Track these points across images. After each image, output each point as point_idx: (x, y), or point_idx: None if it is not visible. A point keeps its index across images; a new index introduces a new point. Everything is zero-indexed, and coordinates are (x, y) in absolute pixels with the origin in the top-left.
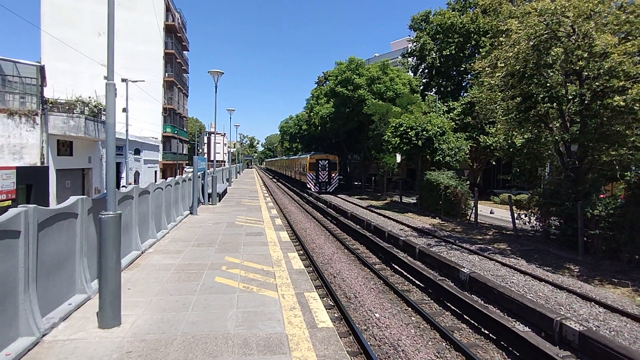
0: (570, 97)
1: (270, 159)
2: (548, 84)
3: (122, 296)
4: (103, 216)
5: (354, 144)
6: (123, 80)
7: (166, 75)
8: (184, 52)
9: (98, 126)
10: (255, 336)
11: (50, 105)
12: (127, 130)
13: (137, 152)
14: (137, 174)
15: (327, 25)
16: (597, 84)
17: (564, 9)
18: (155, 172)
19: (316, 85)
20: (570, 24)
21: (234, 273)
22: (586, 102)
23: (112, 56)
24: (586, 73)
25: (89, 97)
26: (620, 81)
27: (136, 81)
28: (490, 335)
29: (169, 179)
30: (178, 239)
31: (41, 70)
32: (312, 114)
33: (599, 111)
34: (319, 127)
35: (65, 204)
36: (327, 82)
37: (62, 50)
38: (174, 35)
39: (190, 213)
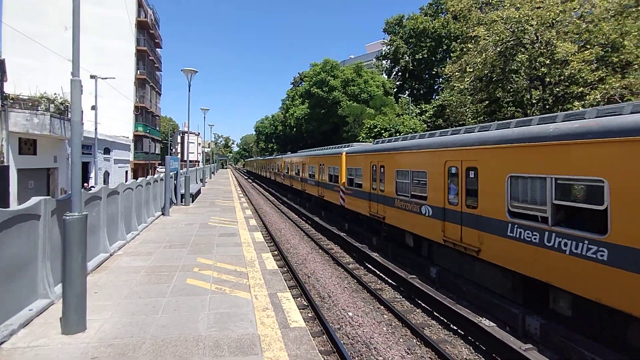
0: (534, 101)
1: (250, 159)
2: (513, 89)
3: (88, 300)
4: (67, 218)
5: (329, 145)
6: (92, 77)
7: (138, 72)
8: (157, 49)
9: (64, 124)
10: (227, 337)
11: (11, 101)
12: (96, 129)
13: (106, 151)
14: (106, 174)
15: (303, 26)
16: (558, 89)
17: (528, 18)
18: (126, 172)
19: (292, 85)
20: (533, 32)
21: (207, 274)
22: (548, 106)
23: (77, 51)
24: (548, 79)
25: (55, 94)
26: (579, 87)
27: (106, 78)
28: (459, 330)
29: (140, 179)
30: (149, 241)
31: (0, 64)
32: (287, 114)
33: None
34: (295, 128)
35: (26, 205)
36: (302, 83)
37: (26, 45)
38: (147, 31)
39: (162, 214)
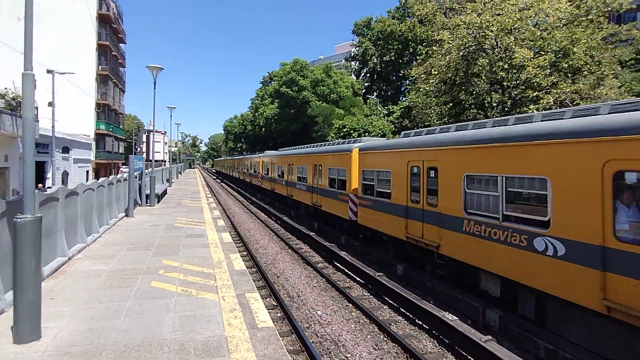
0: (494, 104)
1: (220, 159)
2: (475, 92)
3: (44, 307)
4: (19, 220)
5: (299, 145)
6: (49, 71)
7: (100, 68)
8: (120, 44)
9: (16, 121)
10: (192, 340)
11: None
12: (53, 126)
13: (65, 150)
14: (65, 174)
15: (273, 25)
16: (515, 92)
17: (488, 24)
18: (87, 172)
19: (261, 85)
20: (494, 38)
21: (172, 277)
22: (507, 109)
23: (30, 43)
24: (507, 83)
25: (6, 89)
26: (535, 91)
27: (64, 73)
28: (424, 325)
29: (102, 179)
30: (111, 243)
31: None
32: (257, 114)
33: None
34: (264, 128)
35: None
36: (272, 83)
37: None
38: (109, 25)
39: (126, 215)
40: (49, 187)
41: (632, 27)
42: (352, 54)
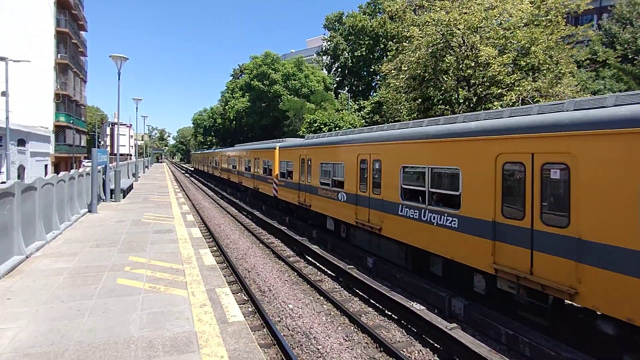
0: (461, 100)
1: (200, 152)
2: (443, 88)
3: (0, 308)
4: None
5: (270, 139)
6: (1, 59)
7: (59, 57)
8: (82, 32)
9: None
10: (161, 337)
11: None
12: (7, 118)
13: (21, 142)
14: (22, 169)
15: (244, 16)
16: (480, 89)
17: (456, 22)
18: (46, 166)
19: (232, 77)
20: (461, 36)
21: (139, 273)
22: (472, 105)
23: None
24: (473, 80)
25: None
26: (499, 89)
27: (19, 61)
28: (393, 315)
29: (63, 173)
30: (73, 240)
31: None
32: (227, 107)
33: None
34: (234, 121)
35: None
36: (242, 76)
37: None
38: (69, 12)
39: (89, 211)
40: (3, 182)
41: (588, 29)
42: (324, 48)
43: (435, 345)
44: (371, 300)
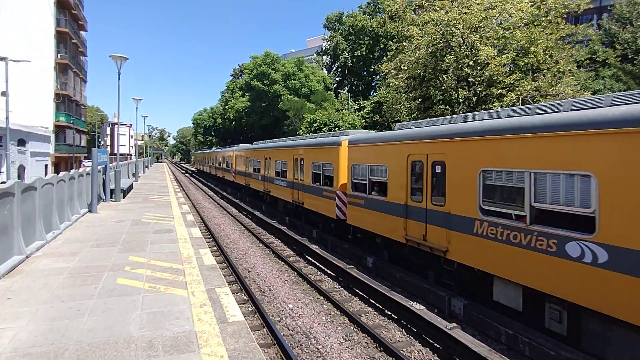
0: (461, 100)
1: (201, 151)
2: (443, 88)
3: (0, 308)
4: None
5: (270, 139)
6: (2, 59)
7: (59, 56)
8: (82, 32)
9: None
10: (161, 337)
11: None
12: (7, 117)
13: (21, 142)
14: (22, 169)
15: (244, 16)
16: (479, 89)
17: (455, 22)
18: (46, 165)
19: (232, 77)
20: (460, 35)
21: (139, 273)
22: (472, 105)
23: None
24: (472, 80)
25: None
26: (498, 89)
27: (19, 61)
28: (393, 315)
29: (63, 173)
30: (73, 240)
31: None
32: (227, 107)
33: None
34: (234, 121)
35: None
36: (242, 75)
37: None
38: (69, 12)
39: (89, 211)
40: (3, 182)
41: (588, 28)
42: (324, 48)
43: (435, 345)
44: (371, 300)
